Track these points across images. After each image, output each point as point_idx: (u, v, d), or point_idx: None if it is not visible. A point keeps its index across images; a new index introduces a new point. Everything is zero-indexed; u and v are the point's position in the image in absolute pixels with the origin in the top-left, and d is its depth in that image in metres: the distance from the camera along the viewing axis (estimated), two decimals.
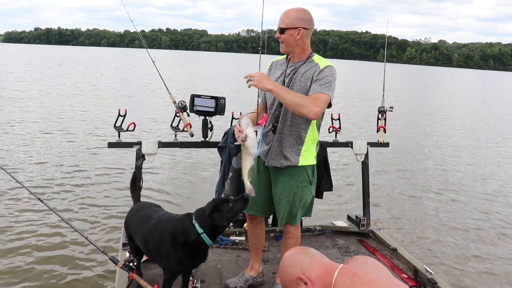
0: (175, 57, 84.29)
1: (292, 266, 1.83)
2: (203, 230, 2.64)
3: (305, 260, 1.83)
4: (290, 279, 1.82)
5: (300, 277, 1.78)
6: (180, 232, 2.67)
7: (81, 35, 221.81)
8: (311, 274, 1.78)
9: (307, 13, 2.80)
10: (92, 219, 5.62)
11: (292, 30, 2.73)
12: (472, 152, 11.62)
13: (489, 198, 7.61)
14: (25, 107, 14.04)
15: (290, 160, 2.85)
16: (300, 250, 1.91)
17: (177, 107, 3.67)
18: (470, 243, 5.72)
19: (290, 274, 1.81)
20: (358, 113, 17.43)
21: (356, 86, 33.55)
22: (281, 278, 1.88)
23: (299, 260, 1.84)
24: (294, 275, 1.80)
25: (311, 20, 2.80)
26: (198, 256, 2.76)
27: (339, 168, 8.73)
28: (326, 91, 2.68)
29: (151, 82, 24.35)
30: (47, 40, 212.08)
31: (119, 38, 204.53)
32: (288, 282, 1.83)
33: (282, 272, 1.87)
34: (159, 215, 2.86)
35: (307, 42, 2.81)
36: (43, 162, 8.00)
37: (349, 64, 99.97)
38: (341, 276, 1.73)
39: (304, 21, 2.75)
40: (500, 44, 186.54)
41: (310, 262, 1.82)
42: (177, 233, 2.68)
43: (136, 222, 2.92)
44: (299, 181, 2.88)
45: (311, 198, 3.00)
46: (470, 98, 31.81)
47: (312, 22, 2.81)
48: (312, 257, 1.84)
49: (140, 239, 2.87)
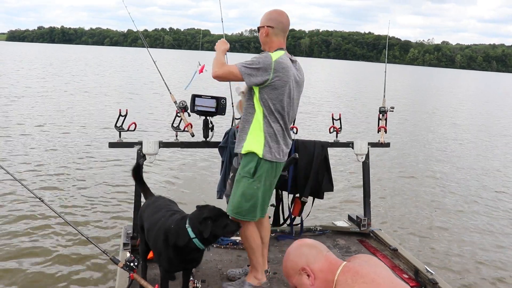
0: (178, 56, 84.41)
1: (298, 257, 1.84)
2: (195, 235, 2.61)
3: (311, 253, 1.84)
4: (293, 268, 1.83)
5: (304, 267, 1.80)
6: (173, 234, 2.67)
7: (84, 34, 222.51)
8: (315, 267, 1.80)
9: (276, 13, 3.00)
10: (93, 219, 5.62)
11: (261, 28, 3.00)
12: (473, 153, 11.60)
13: (492, 199, 7.59)
14: (25, 107, 14.06)
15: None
16: (309, 243, 1.91)
17: (178, 107, 3.67)
18: (471, 243, 5.71)
19: (295, 263, 1.83)
20: (359, 113, 17.42)
21: (357, 87, 33.54)
22: (285, 266, 1.89)
23: (305, 252, 1.85)
24: (299, 265, 1.81)
25: (278, 19, 2.97)
26: (189, 260, 2.76)
27: (340, 168, 8.72)
28: (240, 64, 2.86)
29: (153, 81, 24.39)
30: (50, 39, 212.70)
31: (122, 37, 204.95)
32: (292, 271, 1.84)
33: (287, 260, 1.88)
34: (167, 211, 2.90)
35: (274, 40, 2.98)
36: (43, 161, 8.01)
37: (352, 65, 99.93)
38: (343, 274, 1.74)
39: (271, 20, 2.96)
40: (503, 45, 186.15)
41: (315, 255, 1.83)
42: (169, 234, 2.68)
43: (147, 212, 3.00)
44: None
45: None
46: (473, 100, 31.73)
47: (280, 21, 2.97)
48: (319, 251, 1.85)
49: (145, 229, 2.95)
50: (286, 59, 2.94)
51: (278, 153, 2.99)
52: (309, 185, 4.02)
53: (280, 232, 4.23)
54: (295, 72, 3.01)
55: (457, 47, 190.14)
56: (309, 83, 31.54)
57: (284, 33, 3.02)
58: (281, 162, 3.06)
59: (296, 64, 3.07)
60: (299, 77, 3.06)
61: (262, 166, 2.97)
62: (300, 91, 3.12)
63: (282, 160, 3.05)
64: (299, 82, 3.07)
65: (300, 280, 1.82)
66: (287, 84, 2.91)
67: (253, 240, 3.15)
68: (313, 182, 4.04)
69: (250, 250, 3.17)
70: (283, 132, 3.01)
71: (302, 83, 3.13)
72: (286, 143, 3.07)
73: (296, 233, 4.21)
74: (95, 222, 5.53)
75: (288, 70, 2.91)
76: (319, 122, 14.23)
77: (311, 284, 1.79)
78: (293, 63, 3.03)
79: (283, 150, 3.04)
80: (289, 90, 2.94)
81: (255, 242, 3.15)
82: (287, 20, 3.02)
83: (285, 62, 2.90)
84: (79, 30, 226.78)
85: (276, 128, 2.95)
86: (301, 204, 4.10)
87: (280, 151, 3.01)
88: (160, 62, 4.06)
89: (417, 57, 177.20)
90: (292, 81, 2.96)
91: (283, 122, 2.99)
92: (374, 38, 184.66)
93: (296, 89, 3.03)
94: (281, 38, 3.00)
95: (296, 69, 3.05)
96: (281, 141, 3.00)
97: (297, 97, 3.08)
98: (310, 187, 4.04)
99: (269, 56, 2.87)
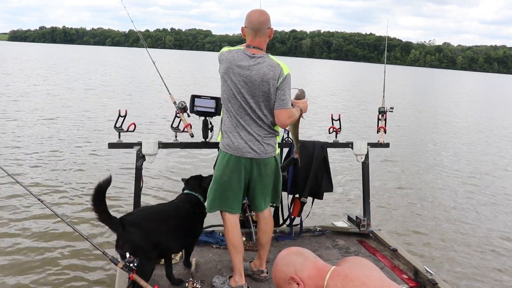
0: (178, 57, 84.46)
1: (286, 266, 1.83)
2: (203, 198, 3.43)
3: (298, 261, 1.83)
4: (283, 278, 1.83)
5: (293, 277, 1.79)
6: (197, 208, 3.41)
7: (86, 34, 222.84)
8: (303, 275, 1.79)
9: (249, 13, 3.04)
10: (92, 219, 5.61)
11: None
12: (474, 154, 11.59)
13: (492, 201, 7.58)
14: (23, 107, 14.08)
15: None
16: (295, 251, 1.91)
17: (177, 107, 3.66)
18: (471, 243, 5.70)
19: (284, 273, 1.82)
20: (358, 114, 17.41)
21: (357, 88, 33.52)
22: (274, 277, 1.89)
23: (292, 260, 1.84)
24: (288, 274, 1.80)
25: (248, 18, 3.03)
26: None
27: (339, 168, 8.72)
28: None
29: (153, 80, 24.41)
30: (52, 39, 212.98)
31: (124, 37, 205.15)
32: (281, 281, 1.84)
33: (275, 271, 1.88)
34: (166, 209, 3.29)
35: (247, 38, 3.07)
36: (42, 161, 8.02)
37: (353, 66, 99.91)
38: (332, 279, 1.74)
39: (245, 20, 3.05)
40: (505, 47, 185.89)
41: (303, 263, 1.82)
42: (196, 210, 3.38)
43: (153, 225, 3.04)
44: None
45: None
46: (474, 100, 31.70)
47: (250, 20, 3.01)
48: (306, 258, 1.84)
49: (167, 231, 3.10)
50: (233, 53, 3.01)
51: (228, 145, 3.05)
52: (308, 186, 4.02)
53: (280, 233, 4.23)
54: (244, 66, 2.96)
55: (459, 48, 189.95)
56: (309, 83, 31.56)
57: (254, 31, 3.00)
58: (238, 156, 3.03)
59: (255, 60, 2.97)
60: (249, 73, 2.95)
61: (218, 156, 3.17)
62: (255, 87, 2.96)
63: (234, 153, 3.03)
64: (250, 77, 2.95)
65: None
66: (226, 75, 2.99)
67: (227, 239, 3.18)
68: (313, 183, 4.05)
69: (228, 249, 3.24)
70: (233, 125, 3.03)
71: (257, 78, 2.95)
72: (241, 137, 3.03)
73: (296, 234, 4.21)
74: (94, 222, 5.51)
75: (227, 63, 2.99)
76: (319, 122, 14.22)
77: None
78: (252, 58, 2.96)
79: (236, 144, 3.02)
80: (231, 82, 2.98)
81: (230, 241, 3.16)
82: (257, 19, 3.00)
83: (225, 55, 3.02)
84: (80, 30, 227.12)
85: (225, 120, 3.09)
86: (300, 204, 4.11)
87: (231, 143, 3.04)
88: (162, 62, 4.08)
89: (418, 58, 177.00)
90: (235, 75, 2.96)
91: (231, 114, 3.03)
92: (375, 39, 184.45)
93: (244, 84, 2.96)
94: (251, 36, 3.02)
95: (249, 64, 2.96)
96: (230, 134, 3.04)
97: (250, 92, 2.97)
98: (310, 187, 4.04)
99: (220, 53, 3.10)
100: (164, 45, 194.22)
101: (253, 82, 2.95)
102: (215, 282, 3.23)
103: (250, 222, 4.06)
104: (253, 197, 3.22)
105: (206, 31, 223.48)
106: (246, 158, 3.05)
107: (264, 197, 3.23)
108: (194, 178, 3.53)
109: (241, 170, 3.06)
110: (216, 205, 3.15)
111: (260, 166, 3.10)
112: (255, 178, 3.13)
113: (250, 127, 3.03)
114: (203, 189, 3.38)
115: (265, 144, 3.08)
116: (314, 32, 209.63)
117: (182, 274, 3.35)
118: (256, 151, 3.05)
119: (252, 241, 3.97)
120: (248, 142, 3.02)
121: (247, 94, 2.98)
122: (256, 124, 3.03)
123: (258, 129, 3.05)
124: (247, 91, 2.97)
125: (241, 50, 3.02)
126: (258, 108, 3.01)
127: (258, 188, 3.17)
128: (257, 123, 3.03)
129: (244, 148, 3.03)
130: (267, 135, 3.09)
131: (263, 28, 3.00)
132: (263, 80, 2.95)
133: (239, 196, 3.15)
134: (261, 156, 3.08)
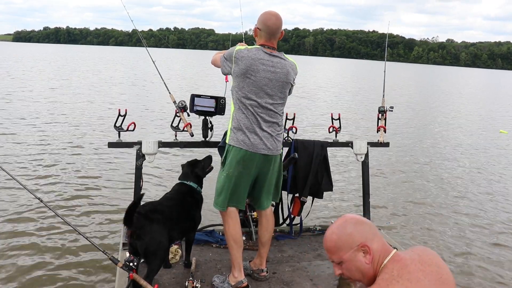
0: (181, 56, 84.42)
1: (357, 231, 1.71)
2: (197, 185, 3.51)
3: (370, 231, 1.73)
4: (349, 243, 1.70)
5: (366, 244, 1.68)
6: (194, 196, 3.46)
7: (89, 34, 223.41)
8: (373, 246, 1.69)
9: (265, 16, 3.09)
10: (92, 219, 5.62)
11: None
12: (475, 153, 11.54)
13: (493, 199, 7.56)
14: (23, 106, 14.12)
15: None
16: (366, 221, 1.78)
17: (177, 107, 3.68)
18: (472, 243, 5.68)
19: (352, 238, 1.70)
20: (358, 113, 17.35)
21: (357, 86, 33.39)
22: (336, 238, 1.73)
23: (364, 229, 1.73)
24: (357, 240, 1.69)
25: (264, 22, 3.08)
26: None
27: (339, 168, 8.69)
28: (222, 54, 3.19)
29: (154, 80, 24.41)
30: (56, 39, 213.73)
31: (127, 37, 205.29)
32: (345, 245, 1.71)
33: (343, 233, 1.73)
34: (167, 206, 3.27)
35: (259, 40, 3.12)
36: (42, 161, 8.02)
37: (356, 63, 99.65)
38: (391, 263, 1.66)
39: (259, 22, 3.11)
40: (509, 43, 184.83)
41: (375, 234, 1.73)
42: (195, 199, 3.45)
43: (160, 224, 3.12)
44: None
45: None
46: (478, 98, 31.57)
47: (267, 25, 3.06)
48: (376, 231, 1.75)
49: (173, 221, 3.19)
50: (253, 51, 3.02)
51: (244, 141, 3.03)
52: (308, 185, 4.02)
53: (280, 232, 4.22)
54: (267, 63, 3.01)
55: (462, 45, 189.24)
56: (309, 83, 31.52)
57: (270, 35, 3.07)
58: (253, 153, 3.04)
59: (277, 58, 3.06)
60: (274, 70, 3.03)
61: (229, 153, 3.10)
62: (278, 85, 3.06)
63: (250, 149, 3.03)
64: (275, 74, 3.03)
65: (354, 256, 1.69)
66: (248, 73, 2.98)
67: (229, 234, 3.19)
68: (313, 182, 4.04)
69: (227, 244, 3.24)
70: (250, 122, 3.03)
71: (282, 76, 3.06)
72: (256, 134, 3.04)
73: (296, 233, 4.20)
74: (94, 222, 5.53)
75: (249, 60, 2.98)
76: (319, 122, 14.20)
77: (367, 262, 1.68)
78: (273, 57, 3.04)
79: (252, 141, 3.03)
80: (255, 79, 2.99)
81: (232, 237, 3.18)
82: (274, 24, 3.06)
83: (245, 53, 3.00)
84: (84, 31, 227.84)
85: (240, 116, 3.06)
86: (300, 203, 4.10)
87: (246, 139, 3.03)
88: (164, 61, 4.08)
89: (421, 55, 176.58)
90: (259, 71, 2.98)
91: (249, 111, 3.02)
92: (378, 36, 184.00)
93: (268, 81, 3.02)
94: (265, 38, 3.08)
95: (273, 62, 3.03)
96: (246, 131, 3.03)
97: (271, 89, 3.04)
98: (310, 186, 4.03)
99: (234, 48, 3.09)
100: (168, 44, 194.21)
101: (277, 79, 3.05)
102: (215, 281, 3.24)
103: (250, 221, 4.06)
104: (258, 194, 3.25)
105: (209, 30, 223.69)
106: (260, 154, 3.07)
107: (268, 195, 3.28)
108: (187, 165, 3.54)
109: (253, 166, 3.09)
110: (230, 201, 3.15)
111: (270, 163, 3.14)
112: (263, 175, 3.16)
113: (267, 123, 3.08)
114: (195, 175, 3.46)
115: (277, 141, 3.15)
116: (317, 30, 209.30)
117: (182, 274, 3.36)
118: (269, 148, 3.09)
119: (252, 241, 3.98)
120: (263, 138, 3.06)
121: (270, 91, 3.05)
122: (272, 120, 3.09)
123: (273, 126, 3.11)
124: (270, 87, 3.04)
125: (259, 48, 3.06)
126: (275, 104, 3.09)
127: (264, 185, 3.21)
128: (272, 119, 3.09)
129: (259, 144, 3.06)
130: (279, 132, 3.17)
131: (279, 32, 3.12)
132: (287, 77, 3.08)
133: (247, 192, 3.19)
134: (273, 152, 3.13)
